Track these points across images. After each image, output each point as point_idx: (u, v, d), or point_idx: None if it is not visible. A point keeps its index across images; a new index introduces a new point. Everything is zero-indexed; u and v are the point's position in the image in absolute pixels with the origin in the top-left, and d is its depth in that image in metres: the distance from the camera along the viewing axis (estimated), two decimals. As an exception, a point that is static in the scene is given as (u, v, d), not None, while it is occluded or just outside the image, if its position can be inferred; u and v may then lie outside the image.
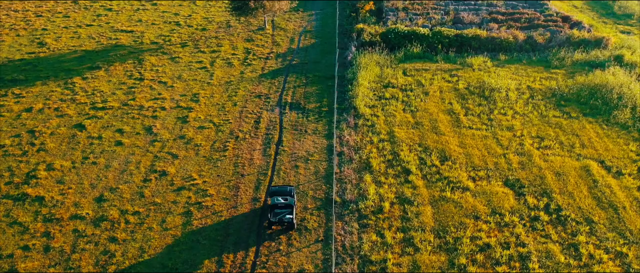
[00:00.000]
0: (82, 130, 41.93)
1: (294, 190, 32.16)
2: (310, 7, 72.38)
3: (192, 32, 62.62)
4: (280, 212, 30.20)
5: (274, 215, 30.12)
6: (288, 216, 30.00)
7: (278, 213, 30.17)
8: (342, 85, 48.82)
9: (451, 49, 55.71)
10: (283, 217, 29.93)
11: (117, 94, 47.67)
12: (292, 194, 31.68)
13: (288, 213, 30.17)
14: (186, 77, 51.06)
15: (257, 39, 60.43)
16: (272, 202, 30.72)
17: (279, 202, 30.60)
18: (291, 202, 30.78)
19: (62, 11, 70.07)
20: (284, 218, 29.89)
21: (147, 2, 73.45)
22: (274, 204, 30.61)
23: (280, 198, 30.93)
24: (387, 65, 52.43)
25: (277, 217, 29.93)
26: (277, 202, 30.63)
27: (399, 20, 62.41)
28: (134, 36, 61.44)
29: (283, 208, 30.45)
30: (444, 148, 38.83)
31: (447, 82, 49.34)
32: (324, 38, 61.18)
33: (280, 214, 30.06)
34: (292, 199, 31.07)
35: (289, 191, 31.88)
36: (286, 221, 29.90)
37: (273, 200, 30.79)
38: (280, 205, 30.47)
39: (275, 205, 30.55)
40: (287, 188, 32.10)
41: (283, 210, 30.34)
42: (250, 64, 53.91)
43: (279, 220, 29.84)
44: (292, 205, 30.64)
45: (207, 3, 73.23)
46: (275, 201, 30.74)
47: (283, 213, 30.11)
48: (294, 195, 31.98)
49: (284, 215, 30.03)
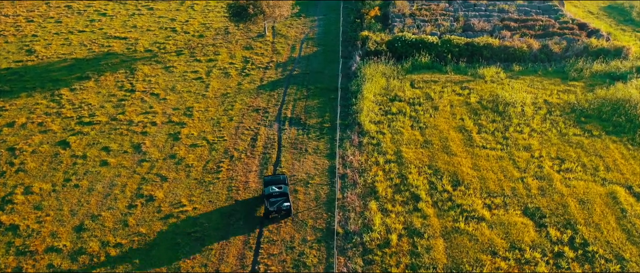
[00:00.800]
0: (65, 148, 39.01)
1: (287, 179, 33.36)
2: (312, 12, 69.36)
3: (189, 39, 59.69)
4: (276, 200, 31.29)
5: (271, 204, 31.10)
6: (285, 204, 31.15)
7: (275, 202, 31.22)
8: (345, 98, 45.76)
9: (461, 58, 52.55)
10: (280, 204, 31.08)
11: (106, 107, 44.75)
12: (286, 182, 32.84)
13: (285, 201, 31.30)
14: (180, 88, 48.10)
15: (257, 47, 57.44)
16: (266, 191, 31.77)
17: (274, 191, 31.72)
18: (285, 189, 31.87)
19: (54, 16, 67.28)
20: (282, 206, 31.05)
21: (143, 7, 70.59)
22: (269, 193, 31.61)
23: (274, 187, 31.98)
24: (393, 77, 49.32)
25: (275, 205, 31.00)
26: (272, 191, 31.72)
27: (406, 27, 59.28)
28: (128, 43, 58.54)
29: (278, 196, 31.54)
30: (456, 171, 35.70)
31: (457, 95, 46.19)
32: (326, 46, 58.13)
33: (276, 202, 31.16)
34: (286, 187, 32.13)
35: (283, 179, 33.00)
36: (284, 209, 31.07)
37: (268, 190, 31.81)
38: (275, 194, 31.58)
39: (271, 194, 31.61)
40: (281, 177, 33.23)
41: (278, 198, 31.42)
42: (248, 74, 50.91)
43: (278, 208, 30.95)
44: (287, 193, 31.74)
45: (205, 8, 70.31)
46: (270, 190, 31.75)
47: (279, 201, 31.22)
48: (288, 183, 33.18)
49: (281, 203, 31.17)
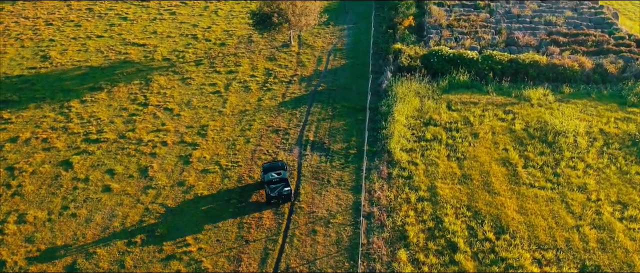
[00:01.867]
0: (68, 169, 35.94)
1: (285, 165, 34.30)
2: (342, 20, 65.19)
3: (209, 48, 56.33)
4: (277, 186, 32.11)
5: (271, 190, 31.92)
6: (286, 189, 32.03)
7: (275, 187, 32.00)
8: (374, 120, 41.49)
9: (504, 77, 47.58)
10: (281, 190, 31.86)
11: (116, 123, 41.62)
12: (285, 168, 33.73)
13: (285, 186, 32.15)
14: (196, 103, 44.67)
15: (281, 58, 53.64)
16: (266, 178, 32.56)
17: (273, 177, 32.51)
18: (284, 175, 32.69)
19: (74, 19, 64.98)
20: (283, 192, 31.92)
21: (166, 12, 67.71)
22: (268, 180, 32.43)
23: (273, 174, 32.75)
24: (428, 96, 44.78)
25: (275, 191, 31.84)
26: (272, 177, 32.50)
27: (443, 39, 54.53)
28: (146, 51, 55.54)
29: (278, 182, 32.44)
30: (500, 215, 31.07)
31: (500, 120, 41.38)
32: (355, 58, 53.90)
33: (277, 188, 31.97)
34: (284, 173, 32.92)
35: (281, 165, 33.93)
36: (284, 194, 31.94)
37: (267, 177, 32.61)
38: (274, 181, 32.41)
39: (270, 181, 32.35)
40: (279, 163, 34.15)
41: (278, 184, 32.28)
42: (270, 89, 47.13)
43: (278, 193, 31.73)
44: (286, 178, 32.53)
45: (230, 13, 66.96)
46: (269, 177, 32.57)
47: (279, 186, 32.04)
48: (286, 168, 34.03)
49: (282, 188, 31.97)
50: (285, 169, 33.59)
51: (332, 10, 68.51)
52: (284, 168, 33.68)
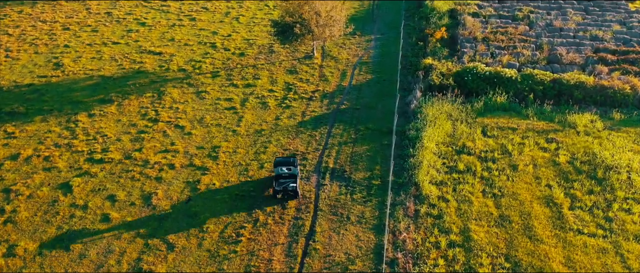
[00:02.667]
0: (67, 193, 33.29)
1: (296, 161, 33.67)
2: (369, 30, 61.48)
3: (228, 58, 53.36)
4: (284, 181, 32.14)
5: (278, 185, 31.98)
6: (291, 185, 31.96)
7: (282, 182, 32.07)
8: (401, 146, 37.78)
9: (546, 100, 43.24)
10: (287, 185, 31.91)
11: (123, 141, 38.94)
12: (296, 164, 33.11)
13: (291, 182, 32.10)
14: (209, 120, 41.68)
15: (302, 71, 50.30)
16: (276, 172, 32.62)
17: (283, 172, 32.52)
18: (294, 172, 32.53)
19: (92, 24, 62.93)
20: (288, 187, 31.90)
21: (185, 17, 65.13)
22: (278, 174, 32.52)
23: (284, 169, 32.65)
24: (461, 120, 40.79)
25: (282, 186, 31.88)
26: (281, 172, 32.54)
27: (478, 54, 50.33)
28: (161, 60, 52.93)
29: (287, 178, 32.43)
30: (543, 268, 27.05)
31: (542, 150, 37.15)
32: (382, 73, 50.17)
33: (284, 183, 31.97)
34: (295, 169, 32.62)
35: (293, 162, 33.29)
36: (290, 190, 31.93)
37: (277, 171, 32.65)
38: (284, 175, 32.45)
39: (280, 175, 32.45)
40: (291, 159, 33.55)
41: (287, 179, 32.29)
42: (289, 106, 43.83)
43: (284, 188, 31.74)
44: (296, 175, 32.43)
45: (251, 20, 63.95)
46: (279, 171, 32.61)
47: (286, 182, 32.04)
48: (297, 165, 33.46)
49: (288, 184, 32.00)
50: (295, 165, 33.08)
51: (359, 18, 64.87)
52: (295, 164, 33.15)
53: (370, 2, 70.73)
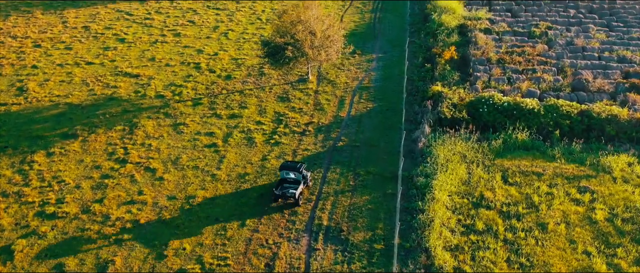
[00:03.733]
0: (7, 261, 27.70)
1: (303, 166, 32.26)
2: (370, 48, 55.80)
3: (213, 81, 47.73)
4: (288, 186, 31.78)
5: (280, 189, 31.59)
6: (291, 191, 31.23)
7: (284, 187, 31.71)
8: (408, 196, 32.16)
9: (574, 137, 37.64)
10: (286, 191, 31.22)
11: (82, 189, 33.33)
12: (301, 170, 31.81)
13: (292, 188, 31.50)
14: (185, 161, 36.08)
15: (295, 98, 44.67)
16: (281, 176, 32.21)
17: (289, 176, 31.99)
18: (298, 177, 31.81)
19: (66, 40, 57.33)
20: (288, 193, 31.04)
21: (170, 33, 59.52)
22: (283, 178, 32.16)
23: (290, 173, 31.93)
24: (477, 162, 35.15)
25: (282, 191, 31.25)
26: (287, 176, 32.06)
27: (493, 79, 44.70)
28: (138, 84, 47.31)
29: (291, 183, 31.95)
30: None
31: (574, 202, 31.51)
32: (385, 101, 44.54)
33: (286, 188, 31.56)
34: (299, 175, 31.78)
35: (299, 167, 31.96)
36: (289, 195, 30.96)
37: (282, 175, 32.17)
38: (289, 180, 32.01)
39: (284, 179, 32.11)
40: (297, 165, 32.27)
41: (291, 185, 31.90)
42: (278, 143, 38.23)
43: (283, 193, 31.01)
44: (300, 181, 31.79)
45: (241, 36, 58.32)
46: (284, 175, 32.12)
47: (288, 188, 31.57)
48: (303, 170, 32.10)
49: (288, 189, 31.43)
50: (300, 171, 31.78)
51: (359, 34, 59.23)
52: (300, 170, 31.80)
53: (372, 16, 65.12)
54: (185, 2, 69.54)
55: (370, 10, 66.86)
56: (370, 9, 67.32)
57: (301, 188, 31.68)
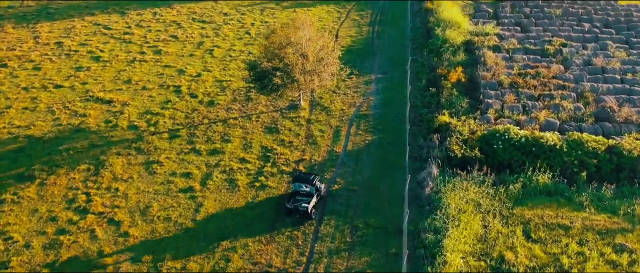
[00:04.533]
0: None
1: (317, 178, 31.07)
2: (368, 67, 50.97)
3: (194, 108, 42.86)
4: (301, 199, 30.49)
5: (292, 202, 30.31)
6: (304, 204, 29.89)
7: (297, 200, 30.44)
8: (415, 256, 27.39)
9: (604, 181, 32.95)
10: (299, 205, 29.98)
11: (33, 248, 28.41)
12: (314, 182, 30.56)
13: (305, 202, 30.14)
14: (156, 210, 31.21)
15: (285, 129, 39.84)
16: (293, 188, 30.85)
17: (302, 189, 30.59)
18: (312, 190, 30.46)
19: (35, 59, 52.32)
20: (300, 207, 29.78)
21: (150, 49, 54.57)
22: (295, 191, 30.83)
23: (303, 186, 30.58)
24: (493, 211, 30.39)
25: (294, 204, 30.07)
26: (299, 189, 30.64)
27: (506, 108, 39.99)
28: (110, 111, 42.38)
29: (304, 196, 30.62)
30: None
31: (611, 266, 26.81)
32: (386, 131, 39.76)
33: (298, 202, 30.30)
34: (313, 188, 30.46)
35: (312, 179, 30.72)
36: (301, 209, 29.68)
37: (295, 187, 30.81)
38: (302, 193, 30.68)
39: (297, 192, 30.78)
40: (310, 177, 31.00)
41: (303, 198, 30.56)
42: (264, 186, 33.39)
43: (295, 207, 29.87)
44: (313, 194, 30.43)
45: (227, 54, 53.41)
46: (296, 188, 30.78)
47: (301, 201, 30.25)
48: (317, 182, 30.82)
49: (301, 203, 30.10)
50: (313, 183, 30.61)
51: (356, 51, 54.42)
52: (313, 182, 30.61)
53: (369, 29, 60.34)
54: (168, 15, 64.64)
55: (368, 23, 62.05)
56: (368, 22, 62.50)
57: (314, 201, 30.46)
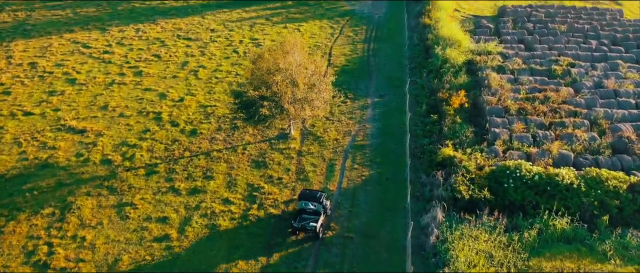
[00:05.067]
0: None
1: (323, 196, 29.91)
2: (363, 90, 47.56)
3: (174, 139, 39.30)
4: (307, 217, 29.10)
5: (298, 221, 28.88)
6: (312, 224, 28.51)
7: (304, 219, 29.03)
8: (419, 321, 23.98)
9: (629, 225, 29.67)
10: (306, 224, 28.59)
11: (-19, 315, 24.83)
12: (321, 200, 29.50)
13: (312, 220, 28.73)
14: (126, 265, 27.55)
15: (273, 163, 36.34)
16: (299, 206, 29.70)
17: (308, 207, 29.48)
18: (319, 208, 29.38)
19: (5, 82, 48.57)
20: (308, 226, 28.51)
21: (130, 70, 51.00)
22: (302, 209, 29.60)
23: (309, 204, 29.45)
24: (507, 264, 27.02)
25: (301, 223, 28.65)
26: (306, 207, 29.51)
27: (515, 138, 36.69)
28: (82, 143, 38.75)
29: (311, 214, 29.31)
30: None
31: (644, 333, 23.52)
32: (385, 165, 36.36)
33: (305, 220, 28.85)
34: (320, 206, 29.38)
35: (319, 197, 29.62)
36: (309, 229, 28.51)
37: (301, 205, 29.64)
38: (308, 211, 29.45)
39: (303, 210, 29.57)
40: (317, 194, 29.88)
41: (310, 216, 29.19)
42: (249, 231, 29.83)
43: (303, 226, 28.60)
44: (320, 212, 29.32)
45: (213, 75, 49.86)
46: (303, 206, 29.59)
47: (308, 220, 28.84)
48: (324, 200, 29.80)
49: (309, 222, 28.69)
50: (321, 201, 29.57)
51: (350, 71, 51.06)
52: (320, 200, 29.56)
53: (365, 47, 57.03)
54: (152, 31, 61.13)
55: (363, 40, 58.77)
56: (362, 39, 59.23)
57: (322, 219, 29.46)
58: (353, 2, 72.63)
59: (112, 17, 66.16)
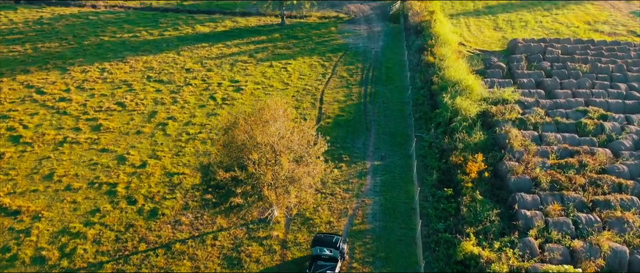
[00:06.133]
0: None
1: (340, 240, 27.53)
2: (361, 148, 40.32)
3: (129, 223, 31.76)
4: (323, 264, 26.84)
5: (314, 269, 26.63)
6: (328, 271, 26.40)
7: (320, 266, 26.76)
8: None
9: None
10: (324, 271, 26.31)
11: None
12: (338, 245, 27.18)
13: (329, 268, 26.56)
14: None
15: (251, 260, 28.75)
16: (314, 252, 27.45)
17: (324, 253, 27.28)
18: (335, 254, 27.16)
19: (-64, 141, 40.98)
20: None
21: (86, 124, 43.45)
22: (317, 255, 27.34)
23: (325, 249, 27.19)
24: None
25: (317, 271, 26.44)
26: (321, 253, 27.29)
27: (552, 226, 29.46)
28: (13, 231, 30.98)
29: (327, 260, 27.05)
30: None
31: None
32: (391, 260, 28.91)
33: (322, 268, 26.63)
34: (336, 252, 27.13)
35: (335, 242, 27.30)
36: None
37: (316, 251, 27.37)
38: (324, 257, 27.20)
39: (319, 256, 27.25)
40: (333, 239, 27.51)
41: (327, 263, 26.84)
42: None
43: None
44: (337, 258, 27.14)
45: (183, 130, 42.48)
46: (318, 251, 27.29)
47: (325, 267, 26.64)
48: (340, 245, 27.45)
49: (325, 270, 26.47)
50: (337, 247, 26.89)
51: (345, 123, 43.83)
52: (336, 245, 26.95)
53: (361, 90, 49.91)
54: (120, 72, 53.73)
55: (358, 82, 51.68)
56: (358, 80, 52.16)
57: (339, 265, 27.39)
58: (346, 34, 65.81)
59: (76, 53, 58.72)
